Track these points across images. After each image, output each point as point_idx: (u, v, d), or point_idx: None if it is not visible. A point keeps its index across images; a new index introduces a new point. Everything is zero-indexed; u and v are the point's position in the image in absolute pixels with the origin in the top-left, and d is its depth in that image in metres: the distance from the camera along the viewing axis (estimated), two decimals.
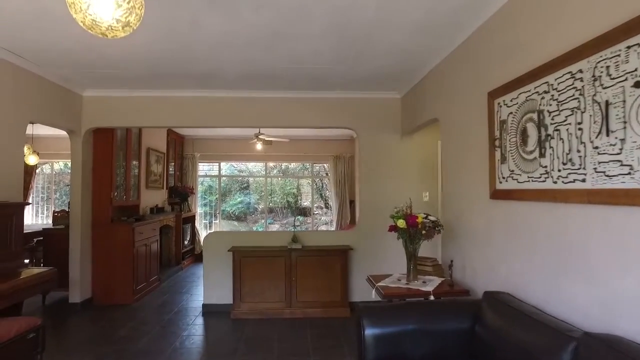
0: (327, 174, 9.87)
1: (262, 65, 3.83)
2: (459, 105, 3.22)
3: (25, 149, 6.33)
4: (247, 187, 11.99)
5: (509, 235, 2.48)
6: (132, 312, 4.58)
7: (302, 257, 4.48)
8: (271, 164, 10.65)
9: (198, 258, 8.07)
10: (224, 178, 9.63)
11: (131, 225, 4.94)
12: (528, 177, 2.25)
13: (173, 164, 7.62)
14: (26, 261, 6.65)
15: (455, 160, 3.35)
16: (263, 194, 12.05)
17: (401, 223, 2.76)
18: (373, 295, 2.86)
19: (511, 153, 2.43)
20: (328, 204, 11.95)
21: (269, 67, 3.86)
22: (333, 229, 8.87)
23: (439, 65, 3.63)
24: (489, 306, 2.20)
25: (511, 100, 2.43)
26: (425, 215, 2.84)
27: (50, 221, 6.83)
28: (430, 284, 2.80)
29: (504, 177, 2.53)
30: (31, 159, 6.38)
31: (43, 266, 4.83)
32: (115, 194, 5.09)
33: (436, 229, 2.85)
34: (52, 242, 5.00)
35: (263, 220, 11.66)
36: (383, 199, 4.87)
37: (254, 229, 11.56)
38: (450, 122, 3.44)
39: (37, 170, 8.62)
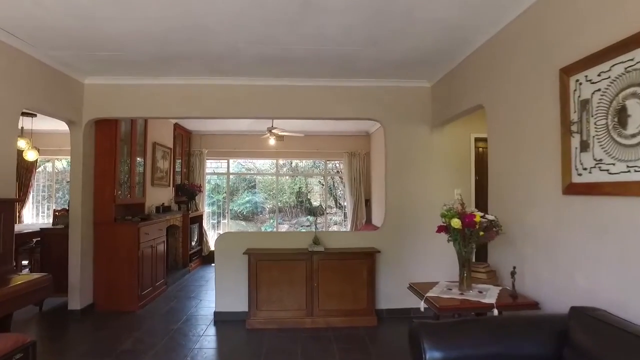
0: (338, 172, 9.46)
1: (283, 46, 3.41)
2: (514, 87, 2.79)
3: (24, 143, 5.96)
4: (255, 186, 11.60)
5: (591, 239, 2.05)
6: (137, 321, 4.17)
7: (324, 261, 4.06)
8: (281, 162, 10.26)
9: (206, 260, 7.67)
10: (232, 176, 9.19)
11: (136, 225, 4.54)
12: (628, 167, 1.82)
13: (180, 160, 7.23)
14: (25, 262, 6.29)
15: (506, 151, 2.92)
16: (272, 192, 11.69)
17: (456, 223, 2.33)
18: (421, 308, 2.44)
19: (598, 138, 2.00)
20: (339, 203, 11.55)
21: (291, 48, 3.45)
22: (346, 229, 8.45)
23: (486, 44, 3.20)
24: (582, 326, 1.77)
25: (598, 75, 2.00)
26: (482, 214, 2.41)
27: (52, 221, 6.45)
28: (488, 294, 2.37)
29: (584, 168, 2.10)
30: (30, 155, 5.99)
31: (41, 270, 4.44)
32: (119, 192, 4.69)
33: (494, 229, 2.42)
34: (50, 243, 4.61)
35: (272, 220, 11.28)
36: (411, 197, 4.45)
37: (263, 229, 11.17)
38: (500, 109, 3.01)
39: (38, 168, 8.27)
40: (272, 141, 6.54)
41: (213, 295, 5.07)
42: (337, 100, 4.44)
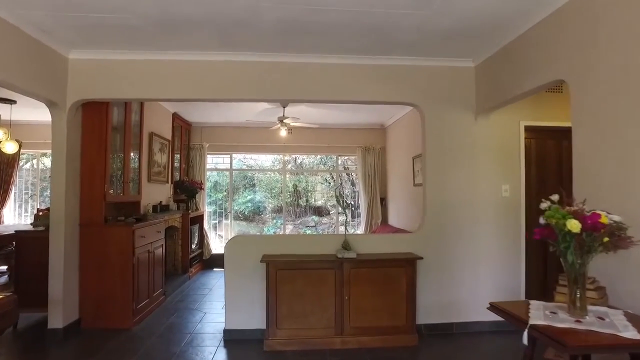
0: (345, 168, 8.82)
1: (314, 6, 2.76)
2: (624, 53, 2.17)
3: (1, 133, 5.25)
4: (255, 184, 10.92)
5: None
6: (132, 341, 3.49)
7: (356, 270, 3.41)
8: (285, 158, 9.59)
9: (207, 265, 6.99)
10: (234, 173, 8.47)
11: (130, 226, 3.86)
12: None
13: (179, 154, 6.54)
14: (3, 268, 5.55)
15: (606, 135, 2.29)
16: (274, 191, 11.03)
17: (574, 225, 1.70)
18: (524, 340, 1.80)
19: None
20: (345, 202, 10.92)
21: (323, 9, 2.80)
22: (356, 230, 7.82)
23: (569, 5, 2.58)
24: None
25: None
26: (605, 213, 1.78)
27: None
28: (617, 322, 1.74)
29: None
30: (9, 147, 5.28)
31: (16, 280, 3.74)
32: (111, 188, 4.00)
33: (621, 234, 1.79)
34: (27, 249, 3.91)
35: (275, 221, 10.62)
36: (453, 194, 3.83)
37: (265, 230, 10.50)
38: (596, 82, 2.39)
39: (25, 165, 7.53)
40: (283, 132, 5.87)
41: (219, 306, 4.43)
42: (368, 81, 3.79)
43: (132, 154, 4.46)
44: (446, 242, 3.79)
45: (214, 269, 6.93)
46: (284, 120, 5.55)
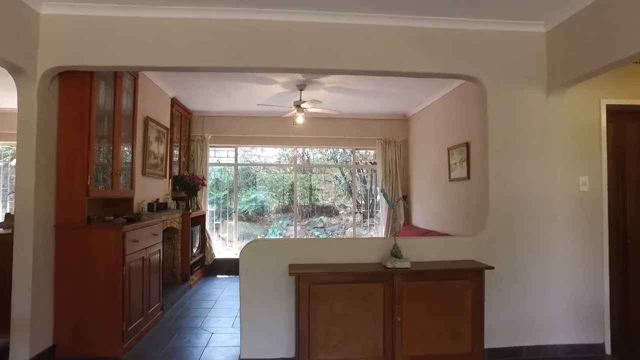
0: (357, 163, 8.06)
1: None
2: None
3: None
4: (262, 181, 10.16)
5: None
6: None
7: (411, 283, 2.66)
8: (289, 152, 8.85)
9: (209, 271, 6.21)
10: (238, 168, 7.65)
11: (120, 228, 3.09)
12: None
13: (178, 147, 5.76)
14: None
15: None
16: (280, 189, 10.29)
17: None
18: None
19: None
20: (357, 201, 10.16)
21: None
22: (370, 232, 7.09)
23: None
24: None
25: None
26: None
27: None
28: None
29: None
30: None
31: None
32: (95, 181, 3.23)
33: None
34: None
35: (281, 221, 9.87)
36: (521, 188, 3.10)
37: (270, 231, 9.74)
38: None
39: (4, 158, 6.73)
40: (300, 119, 5.11)
41: (227, 324, 3.69)
42: (417, 48, 3.05)
43: (123, 141, 3.69)
44: (514, 247, 3.05)
45: (218, 276, 6.16)
46: (301, 105, 4.78)
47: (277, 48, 2.93)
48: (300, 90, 4.83)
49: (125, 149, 3.82)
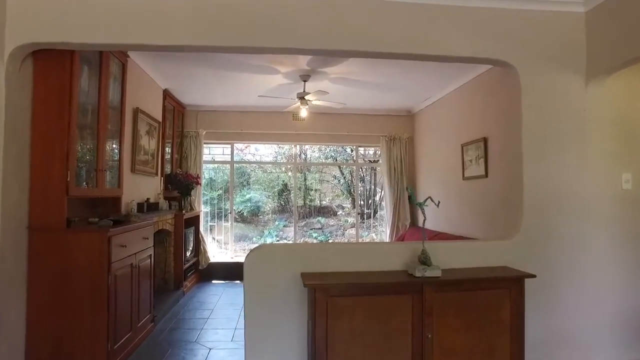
0: (355, 161, 7.72)
1: None
2: None
3: None
4: (257, 181, 9.78)
5: None
6: None
7: (442, 294, 2.31)
8: (285, 150, 8.51)
9: (204, 276, 5.82)
10: (234, 166, 7.23)
11: (106, 231, 2.69)
12: None
13: (170, 143, 5.37)
14: None
15: None
16: (275, 188, 9.92)
17: None
18: None
19: None
20: (355, 201, 9.83)
21: None
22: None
23: None
24: None
25: None
26: None
27: None
28: None
29: None
30: None
31: None
32: (79, 180, 2.84)
33: None
34: None
35: (277, 222, 9.50)
36: (559, 185, 2.77)
37: (266, 232, 9.37)
38: None
39: None
40: (303, 112, 4.75)
41: (227, 337, 3.33)
42: (439, 28, 2.71)
43: (109, 133, 3.29)
44: (550, 251, 2.73)
45: (213, 281, 5.76)
46: (306, 97, 4.42)
47: (282, 24, 2.56)
48: (304, 81, 4.48)
49: (112, 142, 3.42)
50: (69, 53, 2.66)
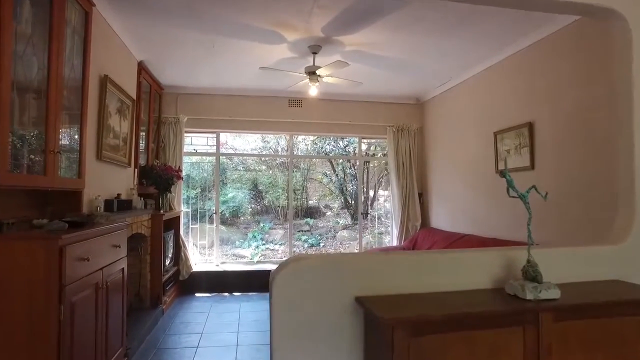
0: (351, 153, 7.02)
1: None
2: None
3: None
4: (240, 178, 8.89)
5: None
6: None
7: (563, 324, 1.62)
8: (271, 143, 7.74)
9: (185, 288, 4.91)
10: (210, 165, 6.25)
11: (56, 239, 1.81)
12: None
13: (146, 129, 4.44)
14: None
15: None
16: (262, 187, 9.08)
17: None
18: None
19: None
20: (348, 201, 9.12)
21: None
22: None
23: None
24: None
25: None
26: None
27: None
28: None
29: None
30: None
31: None
32: (16, 165, 1.95)
33: None
34: None
35: (262, 224, 8.64)
36: None
37: (249, 235, 8.48)
38: None
39: None
40: (313, 91, 3.96)
41: None
42: None
43: (65, 104, 2.39)
44: None
45: (196, 294, 4.86)
46: (317, 72, 3.65)
47: None
48: (314, 53, 3.71)
49: (71, 117, 2.52)
50: None
